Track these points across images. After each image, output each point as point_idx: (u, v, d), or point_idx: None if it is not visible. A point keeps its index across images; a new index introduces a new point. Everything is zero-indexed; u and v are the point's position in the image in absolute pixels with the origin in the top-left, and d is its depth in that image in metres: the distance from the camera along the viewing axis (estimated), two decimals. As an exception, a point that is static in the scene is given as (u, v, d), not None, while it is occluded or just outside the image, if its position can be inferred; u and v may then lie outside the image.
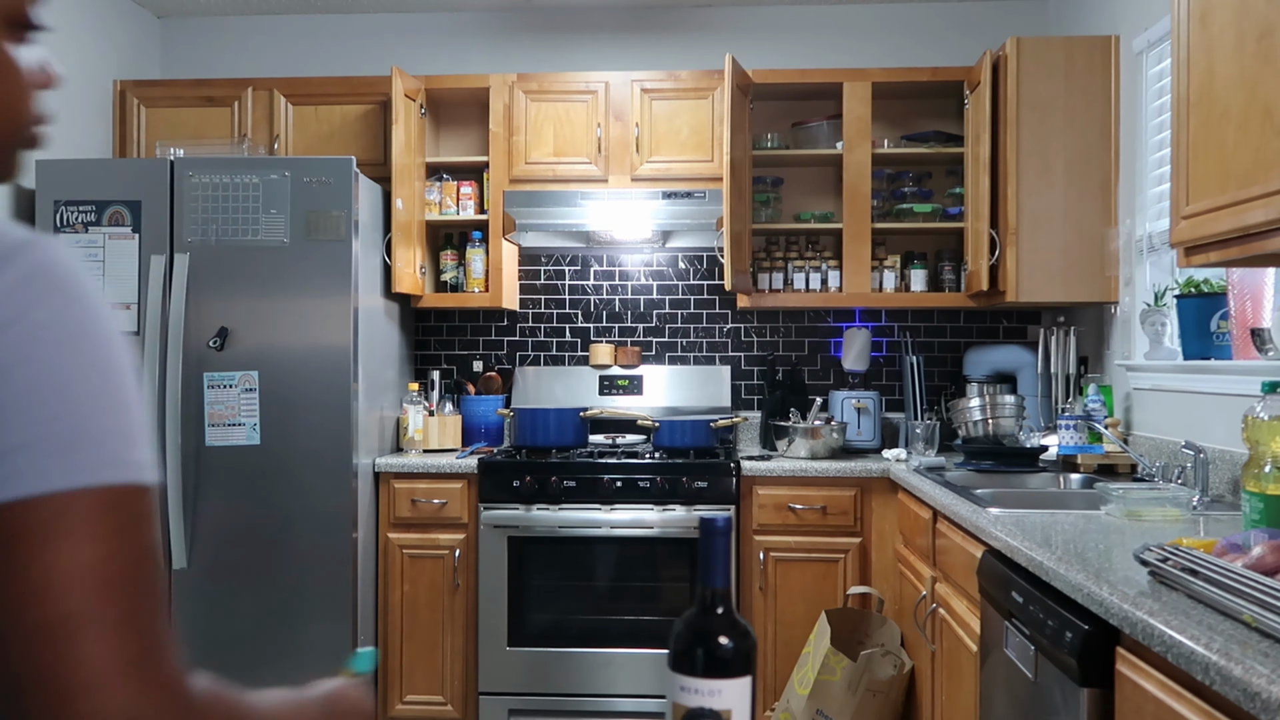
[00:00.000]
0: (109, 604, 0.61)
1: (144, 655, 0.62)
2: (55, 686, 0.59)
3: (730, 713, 0.86)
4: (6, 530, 0.59)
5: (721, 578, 0.90)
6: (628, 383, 4.06)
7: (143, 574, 0.63)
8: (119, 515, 0.63)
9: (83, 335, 0.64)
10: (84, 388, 0.63)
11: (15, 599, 0.59)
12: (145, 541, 0.65)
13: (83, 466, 0.62)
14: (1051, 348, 3.58)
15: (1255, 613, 1.27)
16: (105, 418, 0.64)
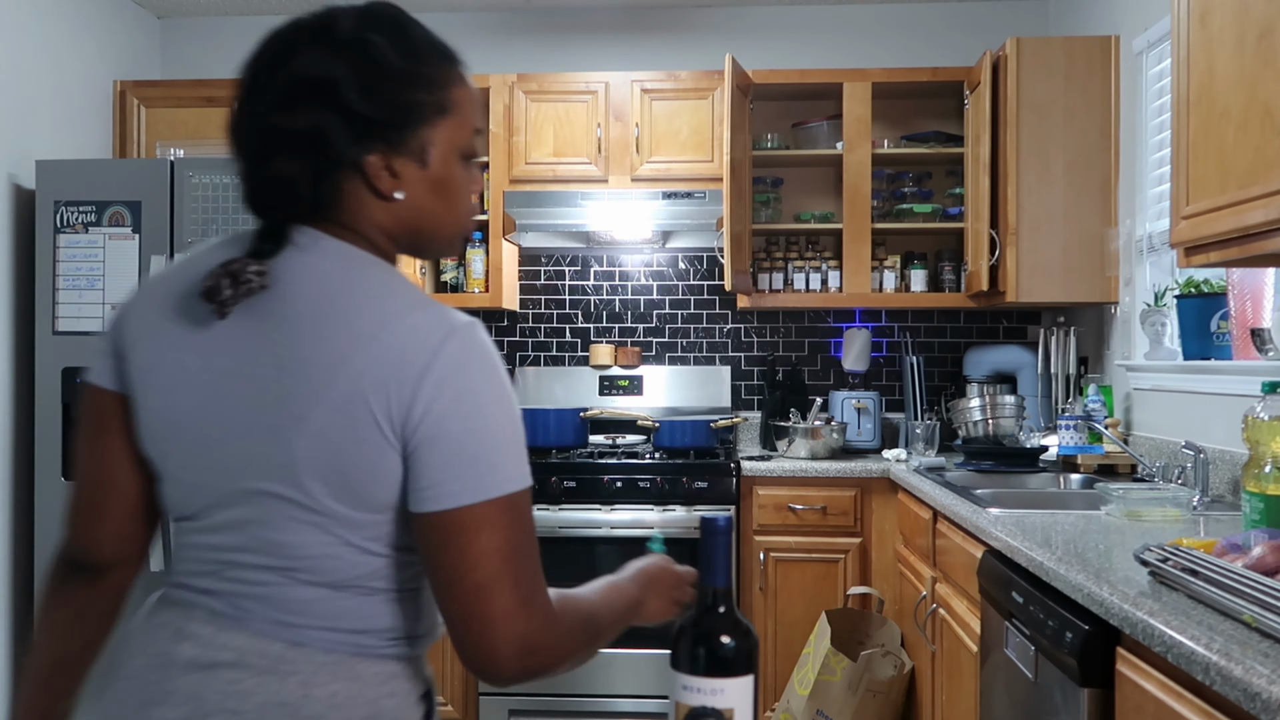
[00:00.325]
0: (510, 568, 0.96)
1: (530, 596, 0.97)
2: (484, 620, 0.95)
3: (732, 711, 0.87)
4: (453, 525, 0.95)
5: (723, 577, 0.90)
6: (628, 383, 4.06)
7: (528, 545, 0.98)
8: (515, 511, 0.97)
9: (494, 397, 0.98)
10: (496, 433, 0.97)
11: (458, 569, 0.96)
12: (528, 524, 0.99)
13: (496, 485, 0.96)
14: (1051, 348, 3.58)
15: (1255, 613, 1.27)
16: (508, 450, 0.98)
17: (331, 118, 0.98)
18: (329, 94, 0.97)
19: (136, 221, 3.33)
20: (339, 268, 0.99)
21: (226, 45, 4.27)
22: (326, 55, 0.99)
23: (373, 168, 1.00)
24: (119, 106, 3.97)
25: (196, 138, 3.85)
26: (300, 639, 0.99)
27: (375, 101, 0.98)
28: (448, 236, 1.08)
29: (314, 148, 0.98)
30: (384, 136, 0.99)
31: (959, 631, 2.48)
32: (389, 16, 1.03)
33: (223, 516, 1.01)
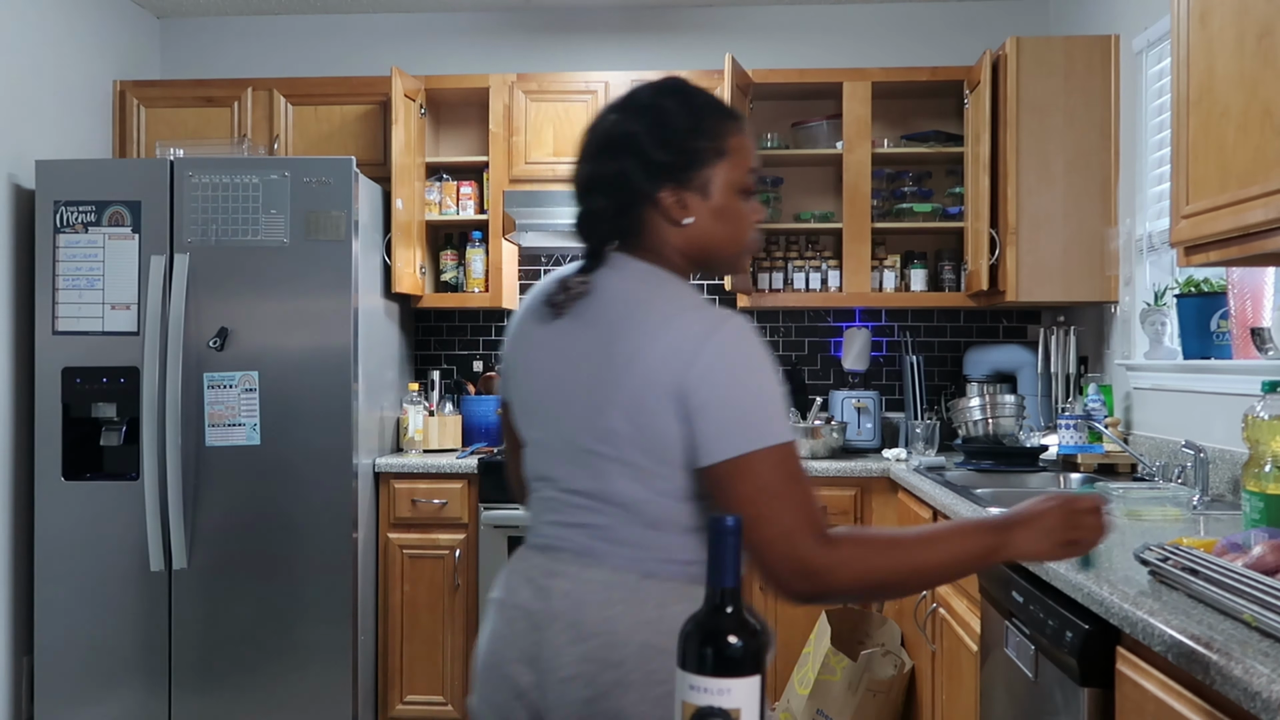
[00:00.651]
0: (776, 507, 1.20)
1: (798, 527, 1.20)
2: (761, 550, 1.19)
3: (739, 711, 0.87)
4: (724, 475, 1.21)
5: (731, 577, 0.90)
6: (628, 383, 4.05)
7: (791, 487, 1.21)
8: (772, 460, 1.21)
9: (750, 375, 1.23)
10: (752, 402, 1.22)
11: (734, 510, 1.18)
12: (792, 469, 1.22)
13: (751, 441, 1.20)
14: (1051, 347, 3.58)
15: (1255, 612, 1.27)
16: (762, 414, 1.22)
17: (632, 163, 1.29)
18: (630, 146, 1.30)
19: (136, 221, 3.33)
20: (637, 281, 1.30)
21: (226, 45, 4.27)
22: (628, 117, 1.33)
23: (665, 201, 1.30)
24: (119, 106, 3.97)
25: (196, 138, 3.85)
26: (649, 571, 1.27)
27: (666, 149, 1.29)
28: (731, 255, 1.37)
29: (618, 187, 1.30)
30: (674, 176, 1.30)
31: (959, 631, 2.48)
32: (676, 86, 1.37)
33: (571, 475, 1.31)
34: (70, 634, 3.32)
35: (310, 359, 3.32)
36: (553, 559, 1.31)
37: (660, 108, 1.32)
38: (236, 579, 3.32)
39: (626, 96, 1.37)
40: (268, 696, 3.32)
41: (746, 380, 1.23)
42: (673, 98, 1.34)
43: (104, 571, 3.31)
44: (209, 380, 3.32)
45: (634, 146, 1.30)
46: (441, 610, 3.52)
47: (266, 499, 3.31)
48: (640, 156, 1.29)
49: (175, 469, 3.25)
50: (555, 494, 1.34)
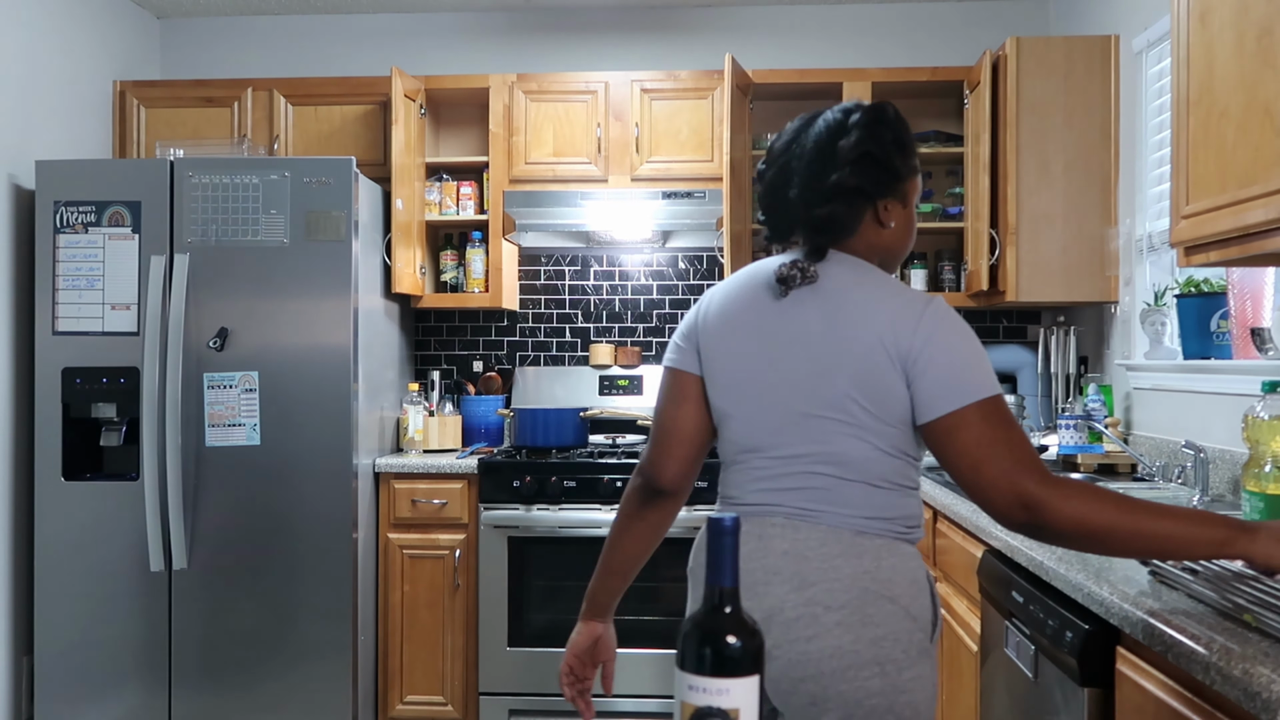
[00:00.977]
0: (993, 450, 1.36)
1: (1016, 466, 1.35)
2: (981, 489, 1.37)
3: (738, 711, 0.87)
4: (944, 427, 1.39)
5: (729, 577, 0.90)
6: (628, 383, 4.06)
7: (1006, 432, 1.37)
8: (986, 410, 1.38)
9: (961, 341, 1.43)
10: (963, 363, 1.41)
11: (955, 457, 1.38)
12: (1004, 418, 1.38)
13: (966, 395, 1.39)
14: (1051, 347, 3.58)
15: (1256, 612, 1.27)
16: (973, 373, 1.41)
17: (880, 175, 1.52)
18: (872, 162, 1.51)
19: (136, 221, 3.33)
20: (852, 270, 1.52)
21: (226, 45, 4.27)
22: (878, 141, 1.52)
23: (879, 206, 1.54)
24: (119, 106, 3.97)
25: (196, 138, 3.85)
26: (861, 528, 1.46)
27: (900, 166, 1.54)
28: (903, 253, 1.62)
29: (861, 195, 1.52)
30: (894, 188, 1.55)
31: (959, 631, 2.48)
32: (897, 114, 1.57)
33: (789, 442, 1.49)
34: (70, 634, 3.32)
35: (310, 359, 3.32)
36: (762, 523, 1.50)
37: (890, 129, 1.55)
38: (237, 579, 3.32)
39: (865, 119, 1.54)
40: (268, 696, 3.32)
41: (959, 344, 1.44)
42: (892, 125, 1.56)
43: (104, 571, 3.31)
44: (209, 380, 3.32)
45: (882, 163, 1.52)
46: (441, 610, 3.52)
47: (266, 499, 3.31)
48: (888, 170, 1.53)
49: (175, 469, 3.26)
50: (766, 462, 1.52)
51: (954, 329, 1.44)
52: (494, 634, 3.46)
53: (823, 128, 1.55)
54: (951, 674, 2.57)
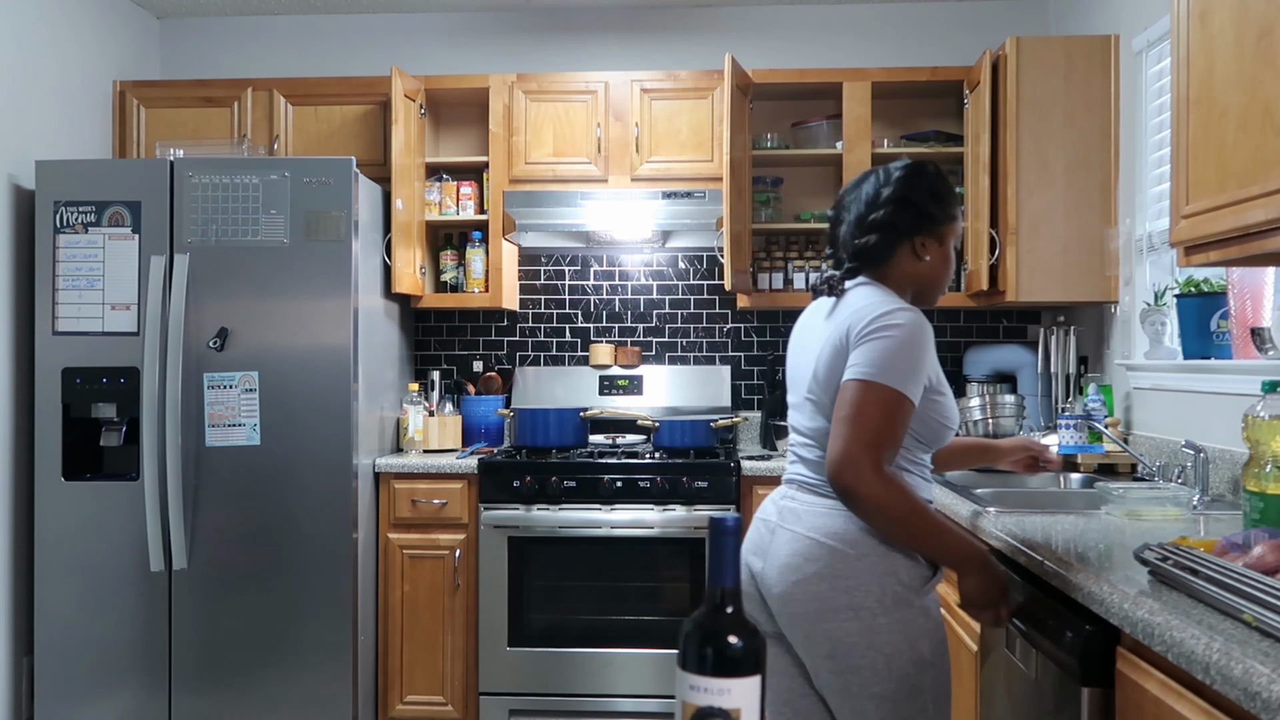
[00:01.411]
0: (856, 423, 1.70)
1: (867, 448, 1.68)
2: (833, 453, 1.72)
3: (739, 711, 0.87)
4: (843, 391, 1.75)
5: (731, 577, 0.90)
6: (628, 383, 4.06)
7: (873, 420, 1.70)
8: (870, 395, 1.72)
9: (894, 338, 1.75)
10: (884, 352, 1.74)
11: (836, 417, 1.74)
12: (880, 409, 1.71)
13: (864, 375, 1.73)
14: (1051, 347, 3.58)
15: (1256, 612, 1.27)
16: (882, 367, 1.73)
17: (913, 215, 1.91)
18: (909, 203, 1.91)
19: (136, 221, 3.33)
20: (868, 289, 1.89)
21: (226, 45, 4.27)
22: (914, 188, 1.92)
23: (916, 243, 1.92)
24: (119, 106, 3.97)
25: (196, 138, 3.85)
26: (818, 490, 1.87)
27: (934, 210, 1.92)
28: (936, 288, 1.98)
29: (895, 231, 1.91)
30: (929, 228, 1.92)
31: (959, 631, 2.48)
32: (937, 170, 1.96)
33: (800, 421, 1.93)
34: (70, 634, 3.32)
35: (310, 359, 3.32)
36: (788, 488, 1.94)
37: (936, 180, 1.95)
38: (236, 579, 3.32)
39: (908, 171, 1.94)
40: (268, 696, 3.32)
41: (885, 341, 1.76)
42: (929, 177, 1.94)
43: (104, 571, 3.31)
44: (209, 380, 3.32)
45: (913, 204, 1.91)
46: (441, 610, 3.51)
47: (267, 499, 3.31)
48: (916, 210, 1.91)
49: (175, 469, 3.26)
50: (793, 439, 1.96)
51: (893, 332, 1.77)
52: (494, 634, 3.46)
53: (874, 179, 1.95)
54: (952, 674, 2.56)
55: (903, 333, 1.76)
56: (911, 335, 1.76)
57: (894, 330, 1.76)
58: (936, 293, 1.98)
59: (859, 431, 1.70)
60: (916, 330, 1.77)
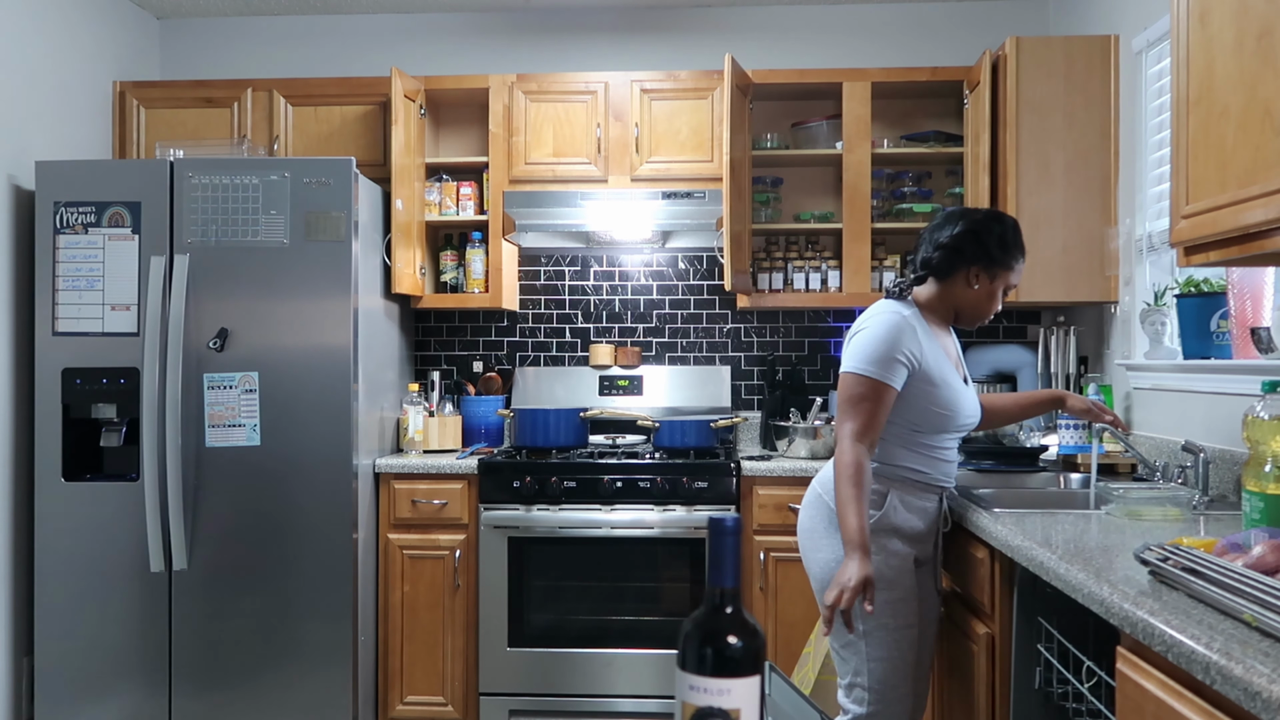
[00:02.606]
0: (844, 411, 2.20)
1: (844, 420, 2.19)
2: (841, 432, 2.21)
3: (739, 712, 0.87)
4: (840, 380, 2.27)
5: (731, 577, 0.90)
6: (628, 383, 4.06)
7: (855, 406, 2.18)
8: (850, 381, 2.20)
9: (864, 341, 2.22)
10: (857, 352, 2.21)
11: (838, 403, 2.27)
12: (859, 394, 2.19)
13: (848, 365, 2.22)
14: (1051, 347, 3.58)
15: (1256, 612, 1.27)
16: (860, 358, 2.20)
17: (975, 249, 2.28)
18: (974, 238, 2.29)
19: (136, 222, 3.33)
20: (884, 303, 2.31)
21: (226, 46, 4.27)
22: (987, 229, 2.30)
23: (970, 272, 2.30)
24: (118, 107, 3.97)
25: (196, 138, 3.85)
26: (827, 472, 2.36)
27: (995, 253, 2.29)
28: (972, 317, 2.35)
29: (956, 254, 2.29)
30: (988, 265, 2.29)
31: (959, 631, 2.48)
32: (1014, 225, 2.34)
33: None
34: (70, 634, 3.32)
35: (310, 359, 3.32)
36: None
37: (1004, 230, 2.31)
38: (237, 579, 3.32)
39: (988, 216, 2.34)
40: (268, 696, 3.32)
41: (860, 343, 2.21)
42: (1013, 229, 2.33)
43: (104, 571, 3.31)
44: (209, 381, 3.32)
45: (982, 240, 2.29)
46: (441, 610, 3.51)
47: (267, 499, 3.31)
48: (980, 246, 2.28)
49: (175, 470, 3.26)
50: None
51: (867, 330, 2.22)
52: (494, 634, 3.46)
53: (962, 214, 2.34)
54: (952, 674, 2.57)
55: (871, 330, 2.20)
56: (877, 330, 2.19)
57: (863, 329, 2.23)
58: (977, 320, 2.35)
59: (840, 409, 2.21)
60: (885, 326, 2.19)
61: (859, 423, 2.15)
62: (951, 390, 2.26)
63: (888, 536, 2.24)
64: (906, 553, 2.27)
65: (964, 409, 2.30)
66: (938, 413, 2.25)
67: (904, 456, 2.28)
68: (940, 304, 2.33)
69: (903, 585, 2.24)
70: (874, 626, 2.22)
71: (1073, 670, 1.91)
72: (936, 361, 2.24)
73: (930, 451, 2.30)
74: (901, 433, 2.26)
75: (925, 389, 2.22)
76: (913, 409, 2.24)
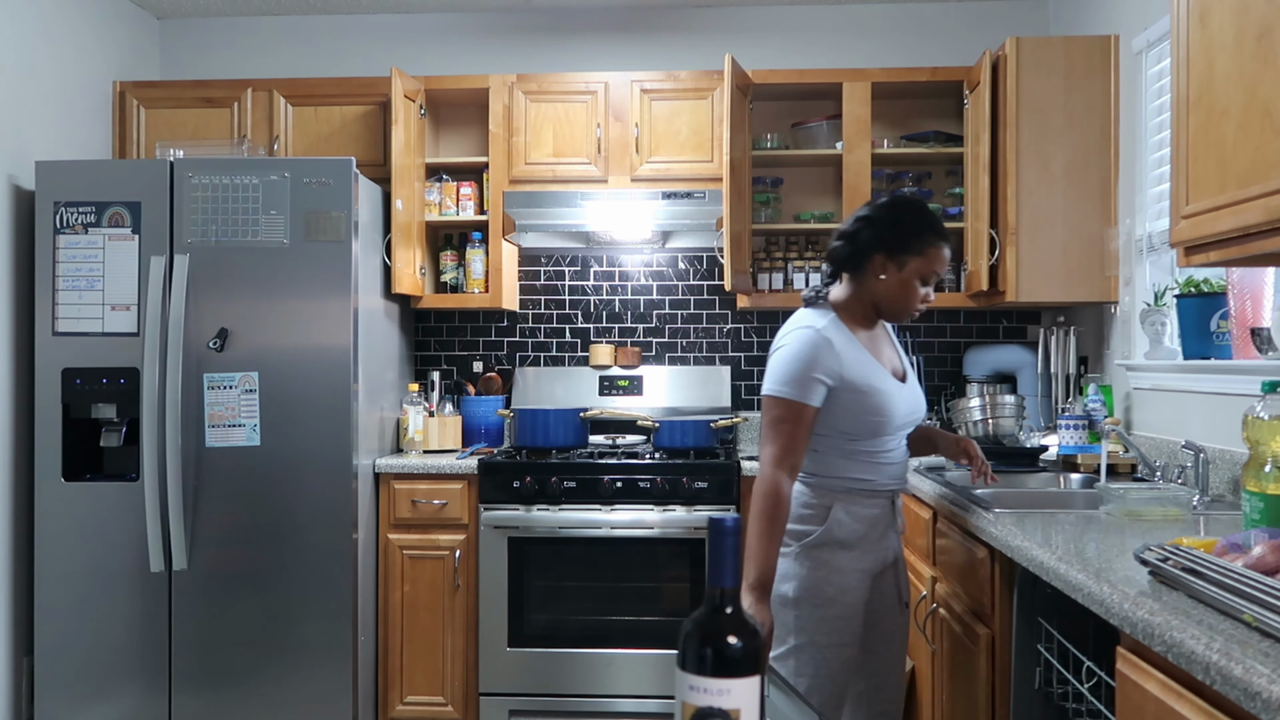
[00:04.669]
0: (767, 435, 2.11)
1: (766, 444, 2.11)
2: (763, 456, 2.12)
3: (739, 712, 0.87)
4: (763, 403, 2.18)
5: (731, 577, 0.90)
6: (628, 383, 4.06)
7: (773, 429, 2.10)
8: (769, 404, 2.13)
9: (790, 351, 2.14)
10: (775, 374, 2.14)
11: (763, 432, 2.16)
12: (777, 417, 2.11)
13: (770, 384, 2.13)
14: (1051, 348, 3.58)
15: (1256, 612, 1.27)
16: (777, 380, 2.12)
17: (872, 236, 2.17)
18: (873, 224, 2.18)
19: (136, 222, 3.33)
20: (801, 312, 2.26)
21: (226, 46, 4.27)
22: (885, 211, 2.20)
23: (875, 261, 2.18)
24: (119, 107, 3.97)
25: (196, 138, 3.85)
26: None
27: (891, 239, 2.16)
28: (892, 312, 2.22)
29: (853, 242, 2.20)
30: (889, 250, 2.16)
31: (959, 631, 2.48)
32: (916, 204, 2.24)
33: None
34: (70, 634, 3.32)
35: (310, 359, 3.32)
36: None
37: (899, 211, 2.20)
38: (236, 579, 3.32)
39: (888, 200, 2.25)
40: (268, 697, 3.32)
41: (777, 364, 2.14)
42: (912, 210, 2.20)
43: (104, 571, 3.31)
44: (209, 381, 3.32)
45: (877, 226, 2.18)
46: (441, 610, 3.51)
47: (266, 500, 3.31)
48: (876, 232, 2.17)
49: (175, 470, 3.26)
50: None
51: (784, 349, 2.15)
52: (494, 634, 3.46)
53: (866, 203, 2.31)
54: (951, 674, 2.57)
55: (786, 349, 2.14)
56: (792, 348, 2.12)
57: (780, 347, 2.16)
58: (900, 315, 2.22)
59: (764, 437, 2.12)
60: (799, 344, 2.12)
61: (778, 446, 2.06)
62: (881, 394, 2.14)
63: (830, 551, 2.13)
64: (853, 568, 2.15)
65: (898, 410, 2.18)
66: (871, 419, 2.14)
67: (845, 467, 2.16)
68: (857, 302, 2.22)
69: (843, 603, 2.13)
70: (805, 642, 2.12)
71: (1072, 671, 1.91)
72: (861, 369, 2.13)
73: (871, 457, 2.17)
74: (838, 443, 2.16)
75: (853, 398, 2.12)
76: (844, 419, 2.14)
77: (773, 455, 2.07)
